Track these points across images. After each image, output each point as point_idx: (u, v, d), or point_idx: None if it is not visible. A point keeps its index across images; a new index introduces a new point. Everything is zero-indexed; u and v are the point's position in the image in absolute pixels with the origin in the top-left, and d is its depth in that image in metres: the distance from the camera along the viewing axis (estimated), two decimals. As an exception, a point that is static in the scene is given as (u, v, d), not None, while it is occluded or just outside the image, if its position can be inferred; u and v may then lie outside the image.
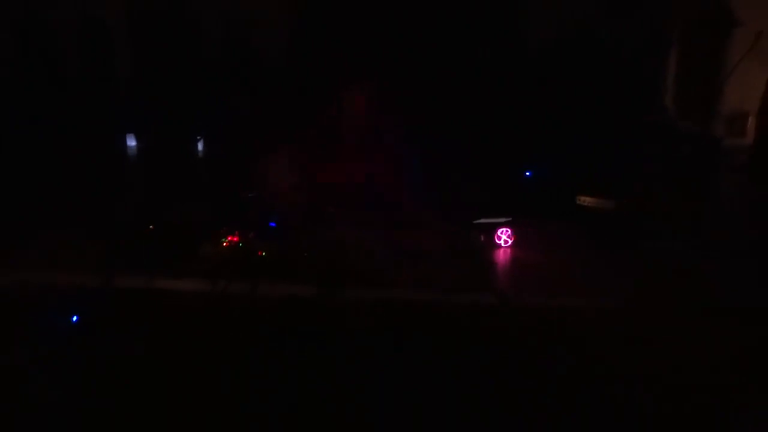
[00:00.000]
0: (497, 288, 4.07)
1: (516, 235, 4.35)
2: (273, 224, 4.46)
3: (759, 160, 7.61)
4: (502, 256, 4.36)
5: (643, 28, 8.56)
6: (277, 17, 8.36)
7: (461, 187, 5.58)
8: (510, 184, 6.49)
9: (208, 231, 4.21)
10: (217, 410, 3.19)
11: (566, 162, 7.51)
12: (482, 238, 4.37)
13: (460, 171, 6.37)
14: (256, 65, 8.19)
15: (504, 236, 4.37)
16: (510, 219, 4.42)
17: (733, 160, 7.79)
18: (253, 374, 3.43)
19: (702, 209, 7.11)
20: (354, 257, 3.96)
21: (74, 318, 4.16)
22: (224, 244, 4.09)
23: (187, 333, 3.67)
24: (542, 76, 8.50)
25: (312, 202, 4.89)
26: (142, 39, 8.52)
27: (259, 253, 4.05)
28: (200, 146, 7.65)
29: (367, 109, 5.12)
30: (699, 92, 8.54)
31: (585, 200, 6.16)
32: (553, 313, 3.76)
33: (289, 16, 8.44)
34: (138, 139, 8.28)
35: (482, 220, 4.51)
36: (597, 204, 6.11)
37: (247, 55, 8.26)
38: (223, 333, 3.69)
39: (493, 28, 8.71)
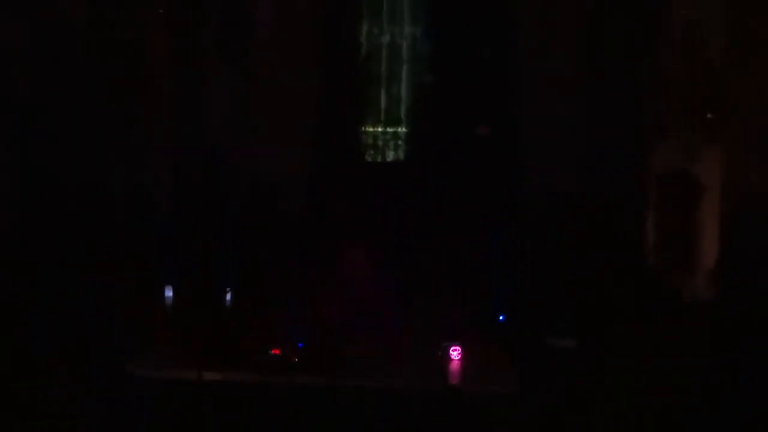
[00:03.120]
0: (448, 380, 6.44)
1: (463, 351, 6.69)
2: (301, 345, 6.80)
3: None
4: (452, 364, 6.70)
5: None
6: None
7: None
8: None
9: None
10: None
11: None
12: (440, 353, 6.74)
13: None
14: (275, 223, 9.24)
15: (455, 353, 6.71)
16: (459, 343, 6.80)
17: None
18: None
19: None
20: (353, 364, 6.32)
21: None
22: (270, 353, 6.45)
23: (251, 402, 6.06)
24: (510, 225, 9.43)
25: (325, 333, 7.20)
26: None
27: (293, 360, 6.40)
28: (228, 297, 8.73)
29: (360, 268, 7.56)
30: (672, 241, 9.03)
31: (551, 341, 7.56)
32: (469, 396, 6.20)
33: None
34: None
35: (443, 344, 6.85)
36: (560, 344, 7.51)
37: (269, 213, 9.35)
38: (274, 405, 6.04)
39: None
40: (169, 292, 8.53)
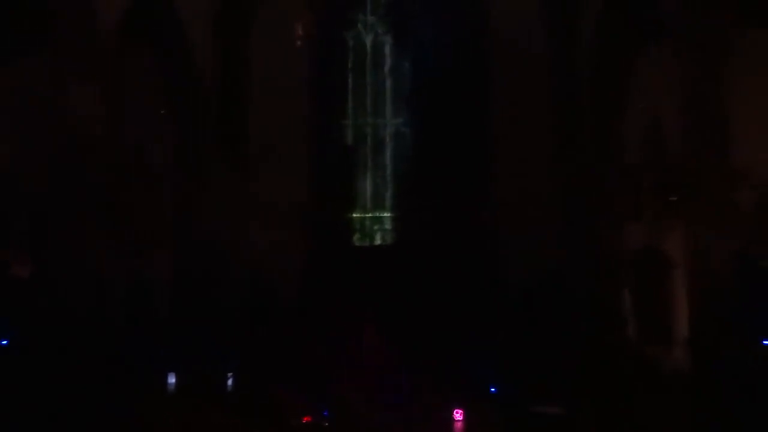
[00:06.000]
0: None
1: (464, 412, 8.01)
2: (326, 413, 8.07)
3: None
4: (456, 423, 8.03)
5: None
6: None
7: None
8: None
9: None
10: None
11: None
12: (445, 414, 8.07)
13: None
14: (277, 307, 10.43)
15: (458, 414, 8.04)
16: (462, 406, 8.13)
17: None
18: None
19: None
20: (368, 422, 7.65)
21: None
22: (303, 420, 7.74)
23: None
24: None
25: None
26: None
27: (324, 424, 7.69)
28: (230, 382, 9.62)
29: (368, 346, 8.90)
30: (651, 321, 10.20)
31: (536, 409, 8.73)
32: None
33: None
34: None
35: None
36: (546, 410, 8.70)
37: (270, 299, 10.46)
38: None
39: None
40: (171, 379, 9.16)
